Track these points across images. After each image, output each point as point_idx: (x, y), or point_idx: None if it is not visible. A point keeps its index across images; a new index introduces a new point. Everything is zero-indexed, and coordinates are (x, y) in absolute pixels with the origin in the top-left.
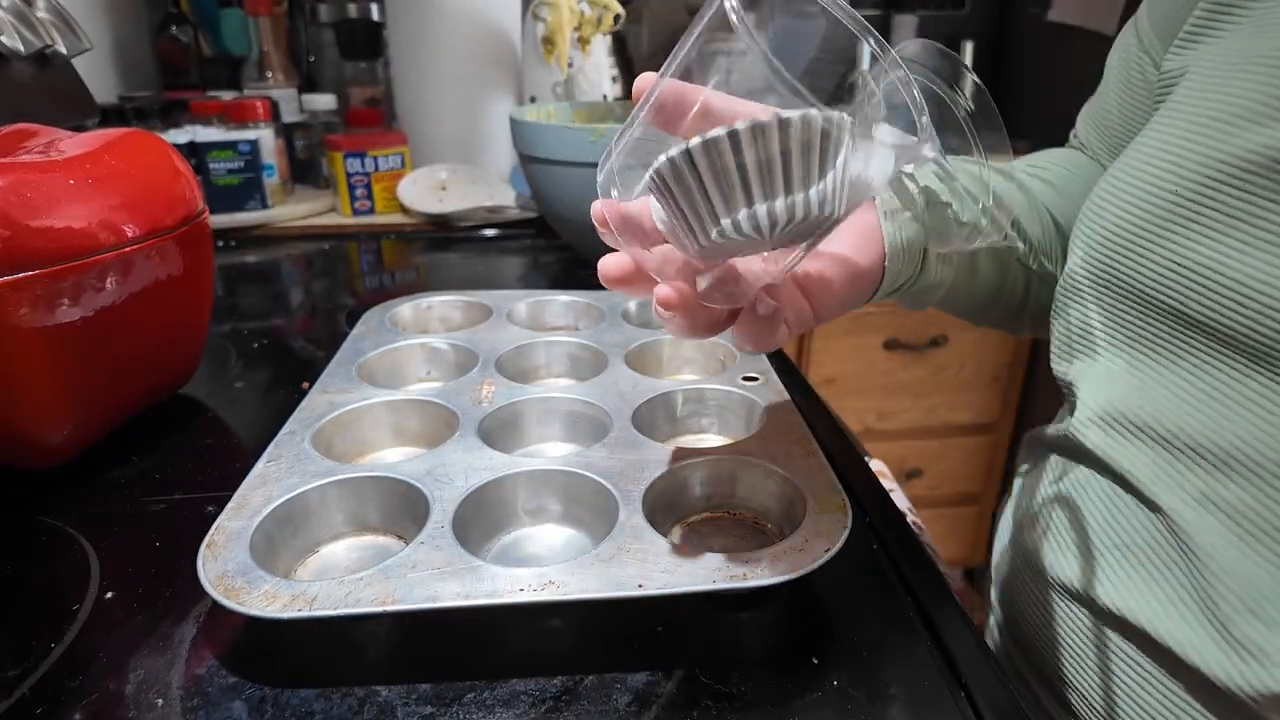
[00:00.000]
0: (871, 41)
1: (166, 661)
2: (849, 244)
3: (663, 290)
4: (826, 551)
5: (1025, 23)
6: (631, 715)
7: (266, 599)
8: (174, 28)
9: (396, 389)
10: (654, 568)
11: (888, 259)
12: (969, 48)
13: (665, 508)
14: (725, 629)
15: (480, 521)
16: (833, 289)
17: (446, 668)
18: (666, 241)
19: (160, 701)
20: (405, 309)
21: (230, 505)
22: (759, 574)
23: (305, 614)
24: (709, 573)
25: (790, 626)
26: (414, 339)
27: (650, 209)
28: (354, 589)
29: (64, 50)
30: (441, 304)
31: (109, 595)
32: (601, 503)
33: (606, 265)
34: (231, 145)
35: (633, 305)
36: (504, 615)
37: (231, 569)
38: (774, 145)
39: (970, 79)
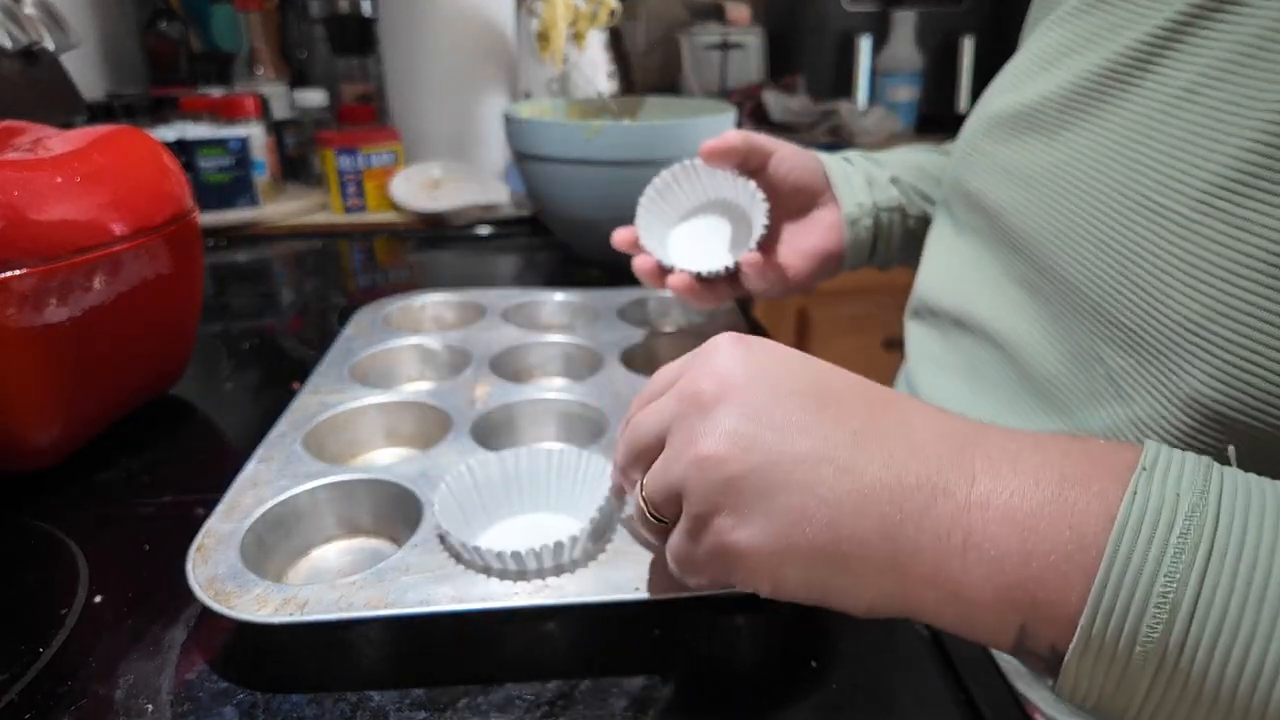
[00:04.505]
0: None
1: (156, 666)
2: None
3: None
4: None
5: (1023, 18)
6: None
7: (257, 603)
8: (163, 23)
9: (389, 389)
10: (651, 571)
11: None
12: (968, 44)
13: None
14: (723, 632)
15: None
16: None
17: (440, 672)
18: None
19: (150, 707)
20: (398, 308)
21: (220, 508)
22: None
23: (296, 619)
24: None
25: (789, 630)
26: (407, 339)
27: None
28: (346, 593)
29: (51, 47)
30: (434, 303)
31: (98, 599)
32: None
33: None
34: (221, 142)
35: (628, 304)
36: (499, 619)
37: (222, 572)
38: None
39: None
